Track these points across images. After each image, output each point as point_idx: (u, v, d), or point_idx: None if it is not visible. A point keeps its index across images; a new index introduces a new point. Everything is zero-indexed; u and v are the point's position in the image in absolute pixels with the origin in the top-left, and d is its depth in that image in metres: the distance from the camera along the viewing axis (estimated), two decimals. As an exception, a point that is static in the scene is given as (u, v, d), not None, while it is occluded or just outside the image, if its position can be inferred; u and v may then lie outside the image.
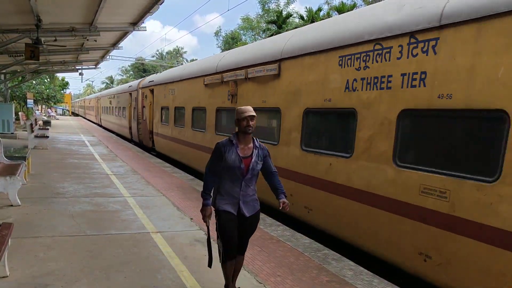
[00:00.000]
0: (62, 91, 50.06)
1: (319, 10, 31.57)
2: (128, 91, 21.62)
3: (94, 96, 45.56)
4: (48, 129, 18.63)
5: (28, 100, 29.05)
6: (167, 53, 70.58)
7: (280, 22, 33.74)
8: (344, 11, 25.63)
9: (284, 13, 36.16)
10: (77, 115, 66.58)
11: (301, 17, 32.77)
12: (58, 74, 45.93)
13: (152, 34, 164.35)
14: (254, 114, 3.38)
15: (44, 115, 40.31)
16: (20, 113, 29.42)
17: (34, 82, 33.05)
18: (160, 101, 14.98)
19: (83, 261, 4.38)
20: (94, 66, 24.36)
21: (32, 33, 10.42)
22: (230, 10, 58.54)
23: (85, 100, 59.74)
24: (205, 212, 3.47)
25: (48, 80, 41.06)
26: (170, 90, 13.65)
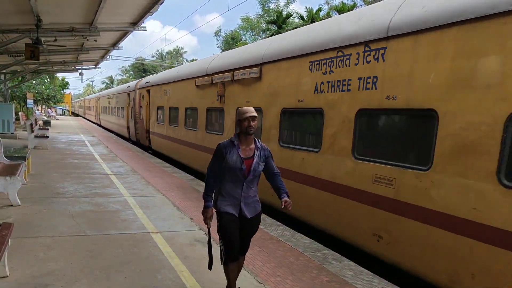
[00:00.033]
0: (62, 91, 50.08)
1: (319, 10, 31.49)
2: (126, 92, 22.03)
3: (94, 96, 46.25)
4: (48, 129, 18.63)
5: (28, 100, 29.05)
6: (167, 53, 70.62)
7: (280, 22, 33.71)
8: (344, 11, 25.63)
9: (284, 13, 36.14)
10: (77, 115, 66.59)
11: (301, 17, 32.72)
12: (58, 74, 46.03)
13: (152, 34, 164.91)
14: (255, 114, 3.34)
15: (44, 115, 40.32)
16: (20, 113, 29.41)
17: (34, 82, 33.06)
18: (156, 101, 15.45)
19: (83, 261, 4.38)
20: (94, 66, 24.36)
21: (32, 33, 10.42)
22: (230, 10, 58.59)
23: (84, 100, 60.18)
24: (206, 214, 3.44)
25: (48, 80, 41.09)
26: (165, 90, 14.17)
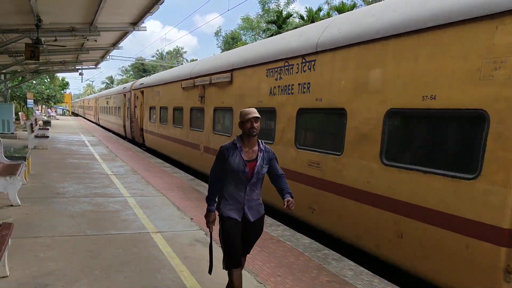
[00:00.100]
0: (62, 91, 50.09)
1: (319, 10, 31.52)
2: (122, 92, 23.04)
3: (93, 96, 47.26)
4: (48, 129, 18.63)
5: (28, 100, 29.07)
6: (167, 53, 70.64)
7: (280, 22, 33.72)
8: (344, 11, 25.63)
9: (284, 13, 36.16)
10: (77, 115, 66.62)
11: (301, 17, 32.73)
12: (58, 74, 46.08)
13: (152, 34, 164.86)
14: (258, 115, 3.23)
15: (44, 115, 40.31)
16: (20, 113, 29.39)
17: (34, 82, 33.07)
18: (149, 101, 16.75)
19: (83, 261, 4.38)
20: (94, 66, 24.37)
21: (32, 33, 10.41)
22: (230, 10, 58.61)
23: (84, 100, 60.70)
24: (208, 218, 3.36)
25: (48, 80, 41.11)
26: (156, 92, 15.43)
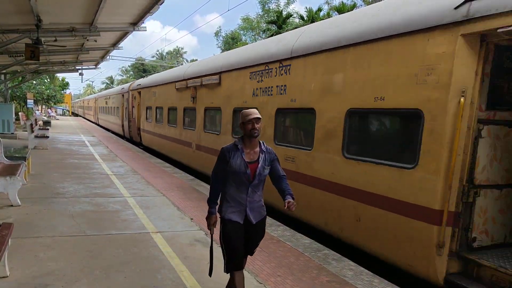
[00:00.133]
0: (62, 91, 50.11)
1: (319, 10, 31.50)
2: (121, 93, 23.74)
3: (92, 97, 47.99)
4: (48, 129, 18.63)
5: (28, 100, 29.07)
6: (167, 53, 70.62)
7: (280, 22, 33.69)
8: (344, 11, 25.63)
9: (284, 13, 36.13)
10: (77, 115, 66.65)
11: (301, 17, 32.71)
12: (58, 74, 46.08)
13: (152, 34, 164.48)
14: (259, 116, 3.19)
15: (44, 115, 40.32)
16: (20, 113, 29.39)
17: (34, 82, 33.06)
18: (145, 101, 17.55)
19: (83, 261, 4.38)
20: (94, 66, 24.35)
21: (32, 33, 10.40)
22: (230, 10, 58.61)
23: (84, 100, 60.98)
24: (209, 220, 3.34)
25: (48, 80, 41.09)
26: (153, 92, 16.17)
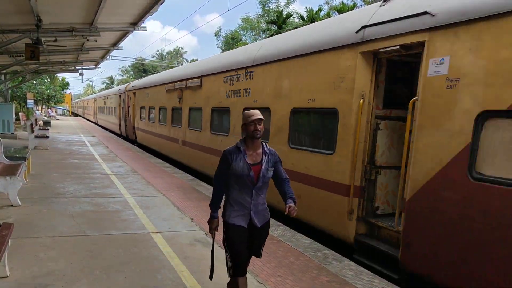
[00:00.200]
0: (62, 91, 50.10)
1: (319, 10, 31.49)
2: (118, 93, 24.93)
3: (92, 97, 49.04)
4: (48, 129, 18.63)
5: (28, 100, 29.05)
6: (167, 53, 70.58)
7: (280, 22, 33.66)
8: (344, 11, 25.63)
9: (284, 13, 36.11)
10: (77, 115, 66.67)
11: (301, 17, 32.71)
12: (59, 74, 46.06)
13: (152, 34, 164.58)
14: (261, 117, 3.13)
15: (44, 115, 40.32)
16: (20, 113, 29.36)
17: (34, 82, 33.05)
18: (140, 102, 18.79)
19: (83, 261, 4.38)
20: (94, 66, 24.35)
21: (32, 33, 10.40)
22: (230, 10, 58.82)
23: (83, 100, 61.34)
24: (211, 224, 3.30)
25: (48, 80, 41.08)
26: (146, 93, 17.38)
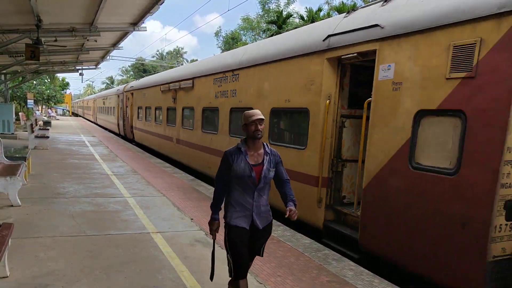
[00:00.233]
0: (62, 92, 50.09)
1: (319, 10, 31.48)
2: (116, 94, 25.66)
3: (91, 97, 49.57)
4: (48, 129, 18.62)
5: (28, 100, 29.03)
6: (167, 53, 70.55)
7: (280, 23, 33.64)
8: (344, 11, 25.58)
9: (284, 13, 36.09)
10: (77, 115, 66.67)
11: (301, 17, 32.69)
12: (59, 75, 46.02)
13: (152, 34, 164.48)
14: (262, 117, 3.12)
15: (44, 115, 40.31)
16: (20, 113, 29.35)
17: (34, 82, 33.04)
18: (137, 102, 19.44)
19: (83, 261, 4.38)
20: (94, 66, 24.33)
21: (32, 33, 10.40)
22: (230, 10, 58.89)
23: (83, 100, 61.56)
24: (212, 226, 3.28)
25: (48, 80, 41.05)
26: (143, 93, 18.02)
